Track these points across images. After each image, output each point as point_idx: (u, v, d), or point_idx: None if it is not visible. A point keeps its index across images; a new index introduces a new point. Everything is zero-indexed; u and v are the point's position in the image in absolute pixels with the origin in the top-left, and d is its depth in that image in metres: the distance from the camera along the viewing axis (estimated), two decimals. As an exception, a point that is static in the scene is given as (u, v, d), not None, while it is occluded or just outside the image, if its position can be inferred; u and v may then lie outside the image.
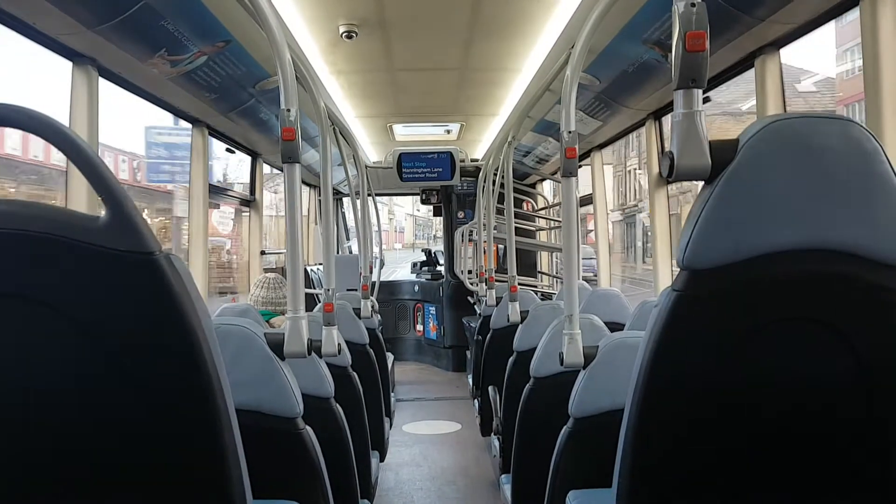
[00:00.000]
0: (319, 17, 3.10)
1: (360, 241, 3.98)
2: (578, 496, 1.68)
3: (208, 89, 3.23)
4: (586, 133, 4.43)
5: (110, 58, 2.59)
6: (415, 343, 8.11)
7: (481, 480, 4.15)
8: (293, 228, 1.74)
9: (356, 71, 4.01)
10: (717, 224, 1.05)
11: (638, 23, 2.72)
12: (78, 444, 0.99)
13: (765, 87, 2.63)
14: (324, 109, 2.45)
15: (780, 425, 1.11)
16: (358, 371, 2.82)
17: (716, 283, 1.07)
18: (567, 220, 1.96)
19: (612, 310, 3.21)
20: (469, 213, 7.40)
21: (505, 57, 3.78)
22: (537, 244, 6.96)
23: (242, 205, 5.00)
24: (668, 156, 1.08)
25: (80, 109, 2.56)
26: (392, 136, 6.05)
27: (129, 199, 0.95)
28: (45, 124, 0.94)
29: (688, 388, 1.10)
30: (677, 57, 1.07)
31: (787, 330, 1.07)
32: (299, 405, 1.71)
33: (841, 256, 1.05)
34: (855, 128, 1.04)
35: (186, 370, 0.97)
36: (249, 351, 1.66)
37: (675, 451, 1.14)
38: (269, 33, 1.66)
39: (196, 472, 1.01)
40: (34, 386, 0.96)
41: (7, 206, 0.94)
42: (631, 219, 29.72)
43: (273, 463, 1.64)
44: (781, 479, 1.12)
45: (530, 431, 2.41)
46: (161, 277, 0.94)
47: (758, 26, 2.39)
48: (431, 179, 6.62)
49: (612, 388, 1.78)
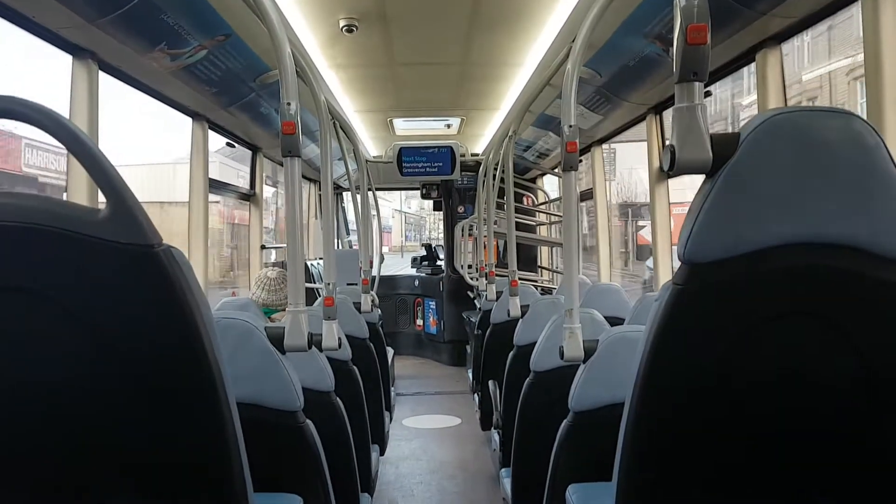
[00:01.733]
0: (319, 10, 3.09)
1: (361, 235, 3.98)
2: (578, 490, 1.68)
3: (208, 83, 3.22)
4: (586, 127, 4.42)
5: (110, 51, 2.59)
6: (415, 337, 8.12)
7: (481, 474, 4.16)
8: (293, 222, 1.74)
9: (356, 65, 4.01)
10: (717, 218, 1.05)
11: (639, 16, 2.72)
12: (79, 437, 0.99)
13: (766, 81, 2.63)
14: (324, 103, 2.45)
15: (781, 420, 1.11)
16: (358, 365, 2.82)
17: (717, 277, 1.07)
18: (568, 214, 1.96)
19: (612, 304, 3.21)
20: (469, 207, 7.40)
21: (505, 51, 3.77)
22: (538, 239, 6.95)
23: (242, 199, 4.99)
24: (670, 149, 1.08)
25: (80, 103, 2.56)
26: (392, 131, 6.04)
27: (131, 192, 0.95)
28: (47, 116, 0.94)
29: (688, 381, 1.10)
30: (679, 50, 1.07)
31: (788, 324, 1.07)
32: (300, 399, 1.71)
33: (842, 251, 1.05)
34: (857, 122, 1.04)
35: (187, 363, 0.97)
36: (250, 344, 1.66)
37: (675, 445, 1.14)
38: (270, 27, 1.65)
39: (198, 465, 1.01)
40: (34, 379, 0.97)
41: (7, 199, 0.94)
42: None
43: (274, 456, 1.64)
44: (781, 473, 1.13)
45: (530, 425, 2.42)
46: (162, 270, 0.94)
47: (759, 20, 2.39)
48: (432, 174, 6.62)
49: (612, 382, 1.78)
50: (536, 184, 7.27)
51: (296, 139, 1.66)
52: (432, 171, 6.57)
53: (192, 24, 2.61)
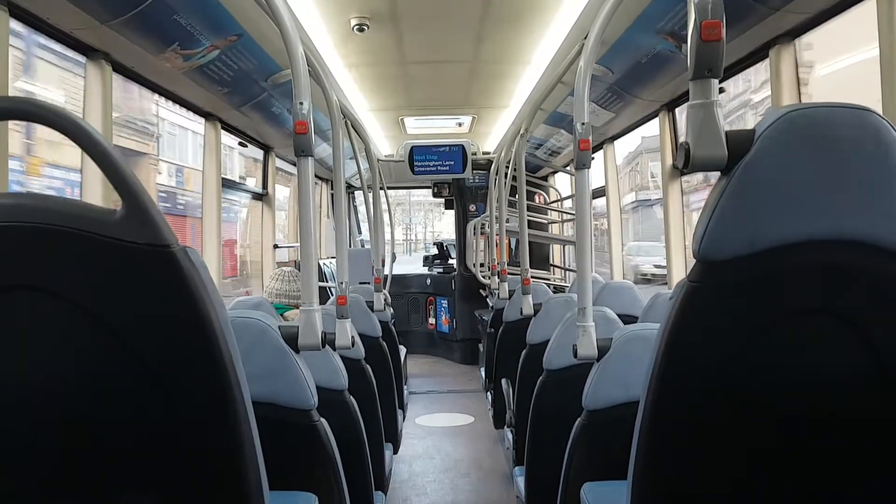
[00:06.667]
0: (331, 10, 3.10)
1: (373, 234, 3.99)
2: (593, 488, 1.68)
3: (221, 83, 3.24)
4: (598, 125, 4.41)
5: (123, 52, 2.60)
6: (427, 336, 8.12)
7: (495, 472, 4.16)
8: (306, 222, 1.74)
9: (368, 64, 4.01)
10: (733, 215, 1.05)
11: (651, 13, 2.70)
12: (94, 438, 0.99)
13: (780, 77, 2.61)
14: (336, 103, 2.46)
15: (796, 419, 1.10)
16: (371, 364, 2.82)
17: (732, 275, 1.06)
18: (581, 212, 1.96)
19: (625, 302, 3.20)
20: (481, 206, 7.39)
21: (516, 49, 3.76)
22: (550, 237, 6.94)
23: (255, 199, 5.01)
24: (684, 147, 1.07)
25: (93, 103, 2.58)
26: (404, 129, 6.05)
27: (146, 192, 0.95)
28: (62, 117, 0.94)
29: (703, 380, 1.09)
30: (693, 47, 1.06)
31: (804, 323, 1.06)
32: (314, 397, 1.71)
33: (858, 247, 1.04)
34: (873, 117, 1.03)
35: (203, 363, 0.97)
36: (264, 343, 1.67)
37: (690, 444, 1.13)
38: (281, 27, 1.66)
39: (213, 464, 1.01)
40: (49, 377, 0.97)
41: (23, 200, 0.95)
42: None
43: (288, 455, 1.65)
44: (796, 472, 1.12)
45: (543, 424, 2.41)
46: (178, 270, 0.95)
47: (773, 16, 2.37)
48: (443, 172, 6.62)
49: (625, 381, 1.78)
50: (548, 182, 7.25)
51: (308, 139, 1.66)
52: (444, 169, 6.57)
53: (204, 24, 2.63)
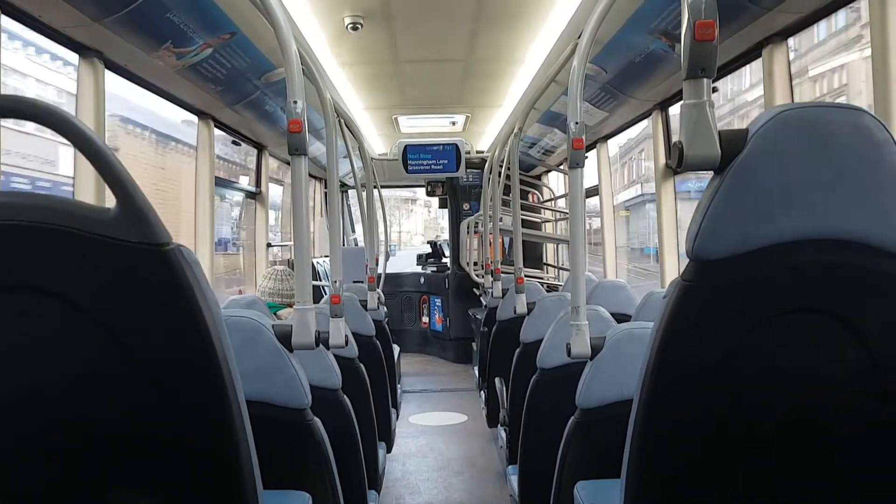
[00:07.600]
0: (325, 8, 3.09)
1: (367, 233, 3.98)
2: (586, 487, 1.68)
3: (214, 81, 3.23)
4: (592, 124, 4.42)
5: (116, 50, 2.59)
6: (420, 335, 8.12)
7: (488, 471, 4.16)
8: (300, 221, 1.74)
9: (361, 63, 4.01)
10: (726, 214, 1.05)
11: (645, 12, 2.71)
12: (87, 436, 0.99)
13: (772, 76, 2.62)
14: (329, 101, 2.45)
15: (790, 418, 1.10)
16: (365, 363, 2.82)
17: (725, 274, 1.06)
18: (574, 211, 1.96)
19: (619, 301, 3.21)
20: (475, 205, 7.39)
21: (510, 48, 3.77)
22: (543, 236, 6.94)
23: (249, 198, 5.00)
24: (678, 146, 1.07)
25: (86, 102, 2.57)
26: (397, 128, 6.04)
27: (140, 191, 0.95)
28: (55, 115, 0.94)
29: (696, 378, 1.10)
30: (686, 46, 1.06)
31: (797, 321, 1.07)
32: (307, 396, 1.71)
33: (851, 246, 1.04)
34: (866, 117, 1.03)
35: (197, 361, 0.97)
36: (257, 342, 1.67)
37: (683, 443, 1.14)
38: (275, 25, 1.66)
39: (207, 463, 1.01)
40: (43, 376, 0.97)
41: (18, 199, 0.95)
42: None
43: (282, 454, 1.64)
44: (790, 471, 1.12)
45: (537, 422, 2.41)
46: (172, 269, 0.95)
47: (765, 15, 2.38)
48: (437, 171, 6.62)
49: (619, 379, 1.78)
50: (542, 181, 7.26)
51: (302, 137, 1.66)
52: (437, 168, 6.56)
53: (197, 22, 2.62)
